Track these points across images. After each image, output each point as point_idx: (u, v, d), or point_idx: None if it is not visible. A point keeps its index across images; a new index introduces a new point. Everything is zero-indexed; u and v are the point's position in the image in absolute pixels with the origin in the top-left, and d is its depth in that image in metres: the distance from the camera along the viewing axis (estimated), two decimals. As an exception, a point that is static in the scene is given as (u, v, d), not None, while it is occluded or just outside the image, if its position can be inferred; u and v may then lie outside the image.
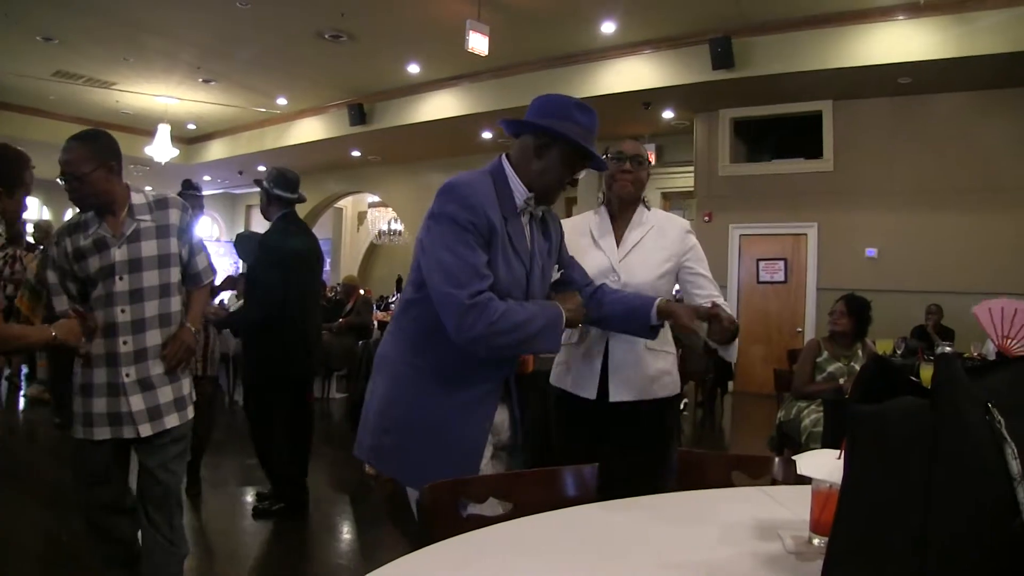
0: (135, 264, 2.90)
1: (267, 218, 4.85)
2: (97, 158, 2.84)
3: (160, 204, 3.00)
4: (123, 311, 2.89)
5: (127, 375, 2.90)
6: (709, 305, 2.54)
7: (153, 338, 2.95)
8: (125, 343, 2.90)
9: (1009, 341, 3.59)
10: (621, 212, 2.95)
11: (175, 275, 3.03)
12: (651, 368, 2.85)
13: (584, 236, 2.91)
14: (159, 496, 3.02)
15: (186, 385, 3.10)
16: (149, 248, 2.93)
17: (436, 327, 2.18)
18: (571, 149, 2.27)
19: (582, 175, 2.37)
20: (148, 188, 3.30)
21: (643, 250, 2.89)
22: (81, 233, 2.92)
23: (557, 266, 2.53)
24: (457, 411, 2.26)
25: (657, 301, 2.53)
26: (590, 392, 2.84)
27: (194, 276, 3.16)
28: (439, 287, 2.13)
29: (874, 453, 1.10)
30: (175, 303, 3.03)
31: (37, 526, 4.55)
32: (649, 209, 2.99)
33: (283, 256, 4.68)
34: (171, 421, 3.00)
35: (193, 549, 4.27)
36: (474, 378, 2.28)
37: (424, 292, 2.22)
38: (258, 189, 4.83)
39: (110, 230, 2.90)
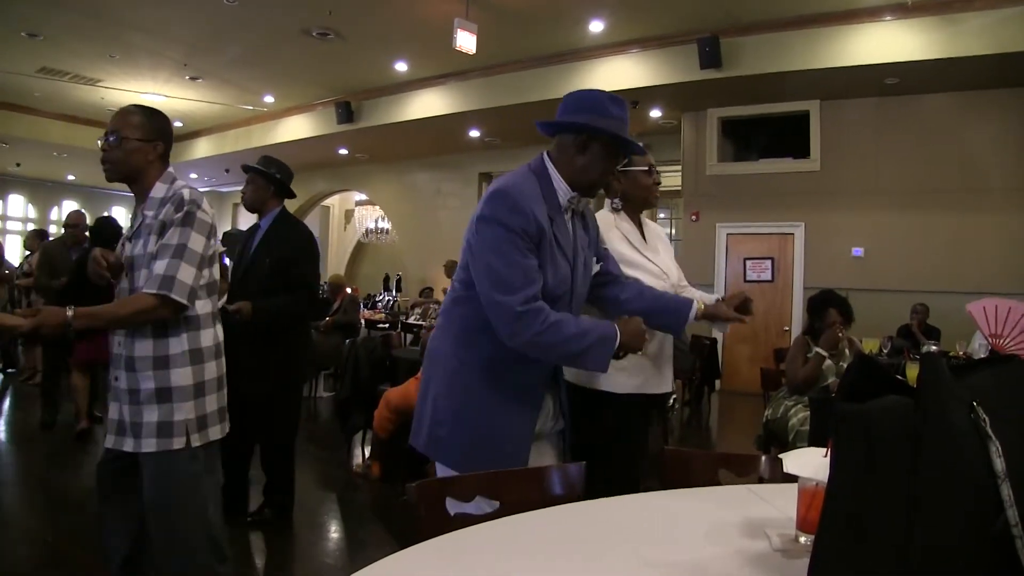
0: (132, 261, 2.65)
1: (259, 210, 4.59)
2: (147, 131, 2.66)
3: (167, 200, 2.64)
4: None
5: (115, 378, 2.65)
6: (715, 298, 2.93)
7: (143, 348, 2.59)
8: (119, 344, 2.65)
9: (1001, 340, 3.64)
10: (633, 217, 3.11)
11: None
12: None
13: (623, 243, 2.99)
14: (155, 542, 2.66)
15: (181, 410, 2.61)
16: (142, 246, 2.63)
17: (483, 325, 2.28)
18: (611, 142, 2.34)
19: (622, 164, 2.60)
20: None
21: (663, 252, 3.13)
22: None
23: (596, 259, 2.61)
24: (503, 403, 2.34)
25: (697, 304, 2.73)
26: (666, 385, 3.04)
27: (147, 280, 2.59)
28: (489, 293, 2.20)
29: (860, 451, 1.10)
30: None
31: (22, 528, 4.52)
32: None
33: (316, 248, 4.72)
34: (129, 444, 2.60)
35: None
36: (519, 373, 2.35)
37: (472, 292, 2.30)
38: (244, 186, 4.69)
39: (131, 223, 2.73)
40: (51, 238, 9.05)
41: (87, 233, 6.99)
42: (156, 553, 2.68)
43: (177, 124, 16.39)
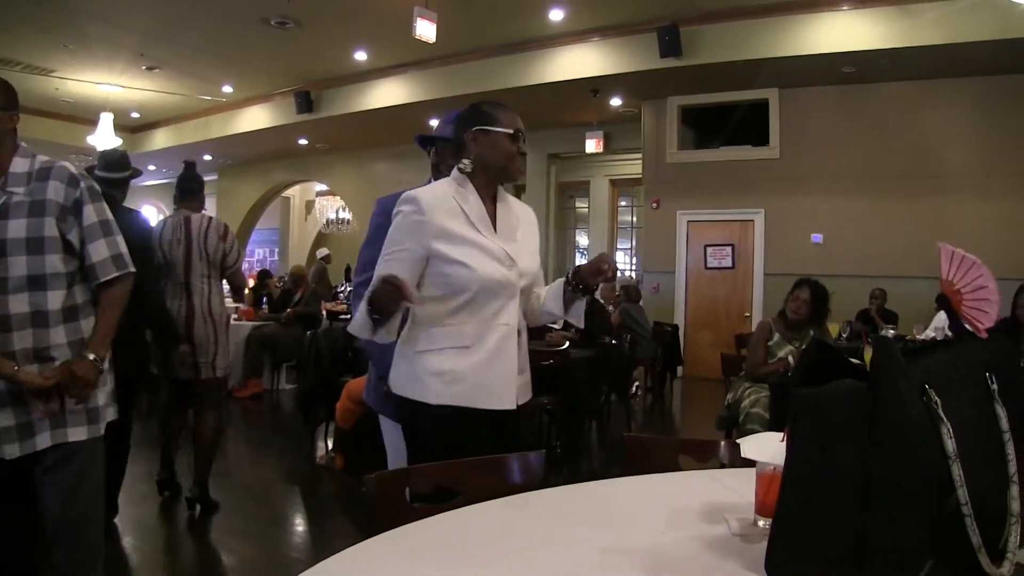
0: (4, 245, 2.35)
1: None
2: (2, 99, 2.44)
3: (41, 174, 2.43)
4: None
5: None
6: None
7: (23, 340, 2.38)
8: (15, 339, 2.37)
9: (953, 286, 3.78)
10: (485, 190, 2.53)
11: (56, 264, 2.42)
12: (527, 368, 2.56)
13: (456, 217, 2.42)
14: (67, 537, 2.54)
15: (102, 393, 2.57)
16: (17, 228, 2.35)
17: None
18: None
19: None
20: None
21: (522, 237, 2.58)
22: None
23: None
24: None
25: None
26: (508, 401, 2.43)
27: (89, 268, 2.50)
28: None
29: (815, 435, 1.11)
30: (54, 299, 2.43)
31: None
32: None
33: None
34: (43, 440, 2.42)
35: (140, 544, 4.23)
36: None
37: None
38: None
39: None
40: None
41: None
42: (65, 552, 2.54)
43: (134, 115, 16.16)
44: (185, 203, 4.84)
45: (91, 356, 2.45)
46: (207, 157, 17.23)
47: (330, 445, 6.14)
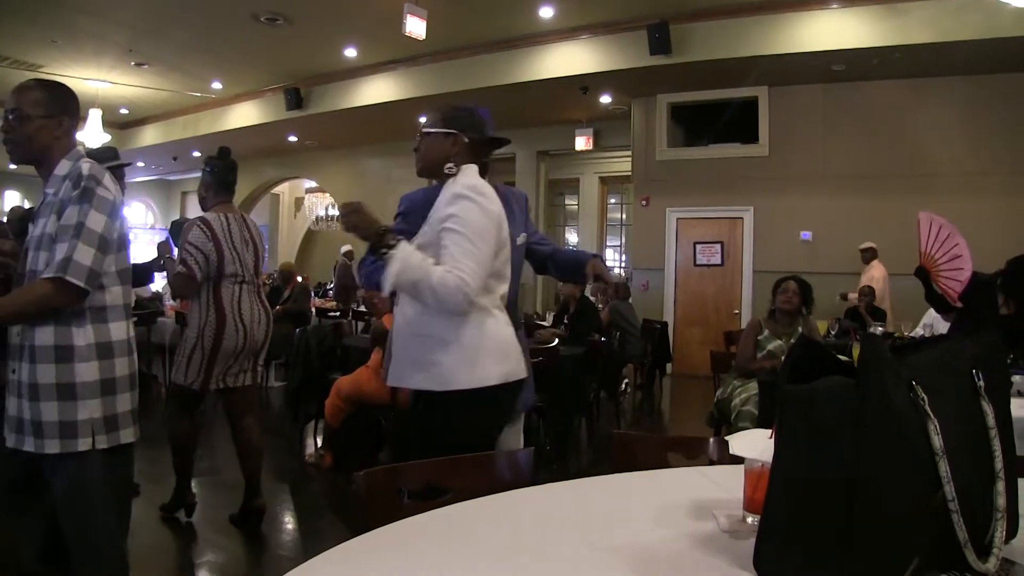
0: (33, 242, 2.47)
1: None
2: (49, 107, 2.47)
3: (68, 176, 2.47)
4: None
5: (13, 371, 2.45)
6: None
7: (44, 337, 2.41)
8: (17, 334, 2.46)
9: (931, 260, 3.82)
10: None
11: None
12: (411, 354, 2.54)
13: None
14: (70, 548, 2.55)
15: (86, 408, 2.45)
16: (43, 226, 2.44)
17: None
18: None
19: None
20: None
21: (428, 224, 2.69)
22: None
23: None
24: None
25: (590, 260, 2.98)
26: (393, 378, 2.63)
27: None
28: None
29: (803, 431, 1.12)
30: None
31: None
32: (454, 176, 2.68)
33: None
34: (30, 444, 2.43)
35: (129, 543, 4.21)
36: None
37: None
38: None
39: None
40: None
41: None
42: (72, 559, 2.53)
43: (123, 111, 16.09)
44: (228, 197, 4.44)
45: None
46: (196, 153, 17.17)
47: (319, 443, 6.13)
